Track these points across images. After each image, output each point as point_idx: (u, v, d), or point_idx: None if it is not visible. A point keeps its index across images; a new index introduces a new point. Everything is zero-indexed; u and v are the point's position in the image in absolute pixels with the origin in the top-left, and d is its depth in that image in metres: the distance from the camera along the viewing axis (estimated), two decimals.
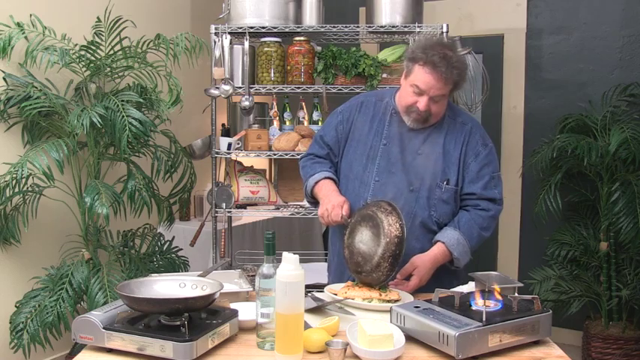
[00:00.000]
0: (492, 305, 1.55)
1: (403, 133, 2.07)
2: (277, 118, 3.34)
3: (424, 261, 1.96)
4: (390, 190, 2.03)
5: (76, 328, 1.49)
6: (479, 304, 1.56)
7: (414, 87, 1.95)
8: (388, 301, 1.78)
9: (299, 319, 1.44)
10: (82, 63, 2.84)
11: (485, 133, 2.15)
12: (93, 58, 2.84)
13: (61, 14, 3.05)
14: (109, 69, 2.91)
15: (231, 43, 3.16)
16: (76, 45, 2.84)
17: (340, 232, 2.11)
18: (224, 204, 3.20)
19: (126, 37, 2.90)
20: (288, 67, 3.20)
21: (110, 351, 1.46)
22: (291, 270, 1.42)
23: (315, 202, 2.18)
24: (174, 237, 3.28)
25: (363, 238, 1.88)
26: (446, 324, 1.44)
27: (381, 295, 1.81)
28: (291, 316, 1.42)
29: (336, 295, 1.86)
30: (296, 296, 1.43)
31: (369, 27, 3.17)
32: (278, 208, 3.35)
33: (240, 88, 3.19)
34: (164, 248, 3.16)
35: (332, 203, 1.99)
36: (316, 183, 2.12)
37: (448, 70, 1.90)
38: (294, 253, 1.46)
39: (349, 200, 2.04)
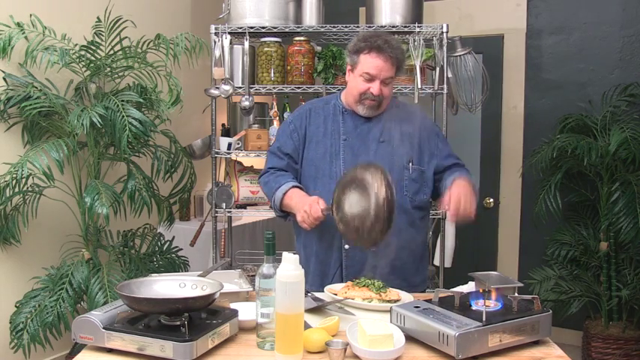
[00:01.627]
0: (492, 305, 1.56)
1: (359, 127, 2.17)
2: (277, 118, 3.34)
3: (459, 184, 2.00)
4: None
5: (76, 328, 1.49)
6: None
7: (364, 75, 2.07)
8: (388, 301, 1.78)
9: (299, 319, 1.44)
10: (82, 63, 2.84)
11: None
12: (93, 58, 2.84)
13: (61, 14, 3.05)
14: (109, 69, 2.91)
15: (231, 43, 3.16)
16: (76, 45, 2.84)
17: (313, 233, 2.12)
18: (224, 204, 3.20)
19: (126, 37, 2.90)
20: (288, 67, 3.20)
21: (110, 351, 1.46)
22: (291, 270, 1.42)
23: (284, 215, 2.20)
24: (174, 237, 3.28)
25: (352, 202, 1.88)
26: (446, 324, 1.44)
27: (380, 295, 1.81)
28: (291, 316, 1.42)
29: (336, 295, 1.86)
30: (296, 296, 1.43)
31: (369, 27, 3.17)
32: None
33: (240, 88, 3.19)
34: (164, 248, 3.16)
35: (307, 204, 2.00)
36: (284, 194, 2.12)
37: (393, 51, 2.05)
38: (294, 253, 1.47)
39: (322, 197, 2.05)
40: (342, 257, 2.13)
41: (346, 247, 2.11)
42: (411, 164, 2.15)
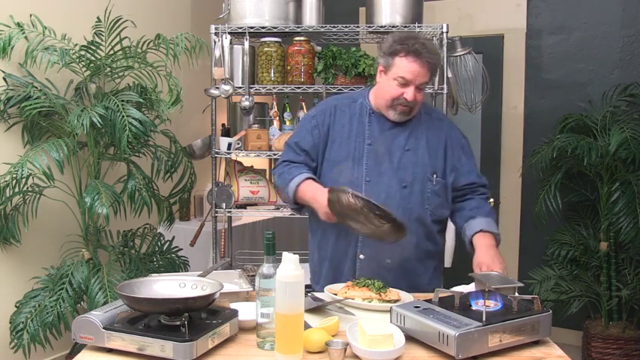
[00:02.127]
0: (492, 305, 1.55)
1: (385, 132, 2.08)
2: (277, 118, 3.34)
3: (487, 256, 1.98)
4: (383, 190, 2.03)
5: (76, 328, 1.49)
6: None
7: (399, 79, 1.97)
8: (388, 301, 1.78)
9: (299, 319, 1.44)
10: (82, 63, 2.84)
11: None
12: (93, 58, 2.84)
13: (61, 14, 3.05)
14: (109, 69, 2.91)
15: (231, 43, 3.16)
16: (76, 45, 2.84)
17: (329, 235, 2.10)
18: (224, 204, 3.20)
19: (126, 37, 2.90)
20: (288, 67, 3.20)
21: (110, 351, 1.46)
22: (291, 270, 1.42)
23: (298, 207, 2.14)
24: (174, 237, 3.28)
25: (357, 228, 1.90)
26: (446, 324, 1.44)
27: (380, 295, 1.81)
28: (291, 316, 1.42)
29: (336, 295, 1.86)
30: (296, 296, 1.43)
31: (369, 27, 3.17)
32: (278, 208, 3.35)
33: (240, 88, 3.19)
34: (164, 248, 3.16)
35: (324, 208, 1.94)
36: (298, 186, 2.05)
37: (431, 56, 1.95)
38: (294, 253, 1.46)
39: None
40: (356, 267, 2.08)
41: (361, 257, 2.06)
42: (435, 176, 2.07)
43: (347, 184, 2.02)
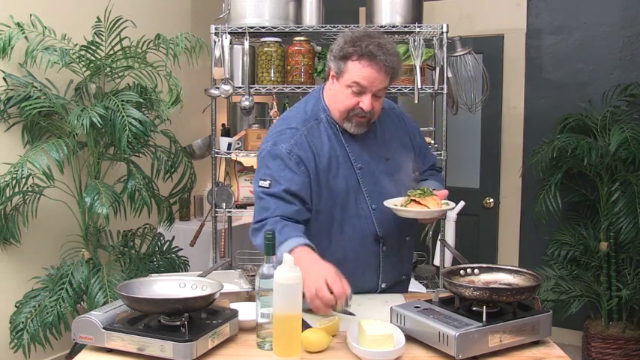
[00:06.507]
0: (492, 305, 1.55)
1: (364, 147, 1.87)
2: (277, 118, 3.33)
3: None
4: (391, 212, 1.83)
5: (76, 328, 1.49)
6: None
7: (354, 86, 1.74)
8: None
9: (296, 321, 1.43)
10: (82, 63, 2.84)
11: None
12: (93, 58, 2.84)
13: (61, 14, 3.05)
14: (109, 69, 2.91)
15: (231, 43, 3.16)
16: (76, 45, 2.84)
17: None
18: (224, 204, 3.20)
19: (126, 37, 2.90)
20: (288, 67, 3.20)
21: (110, 351, 1.46)
22: (287, 272, 1.41)
23: None
24: (174, 237, 3.29)
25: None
26: (446, 324, 1.44)
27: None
28: (288, 318, 1.41)
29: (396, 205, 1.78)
30: (293, 298, 1.42)
31: (369, 27, 3.16)
32: None
33: (240, 88, 3.19)
34: (164, 248, 3.16)
35: (314, 286, 1.53)
36: (290, 252, 1.62)
37: (387, 57, 1.72)
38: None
39: (353, 243, 1.84)
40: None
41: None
42: (416, 174, 1.98)
43: (353, 219, 1.86)
